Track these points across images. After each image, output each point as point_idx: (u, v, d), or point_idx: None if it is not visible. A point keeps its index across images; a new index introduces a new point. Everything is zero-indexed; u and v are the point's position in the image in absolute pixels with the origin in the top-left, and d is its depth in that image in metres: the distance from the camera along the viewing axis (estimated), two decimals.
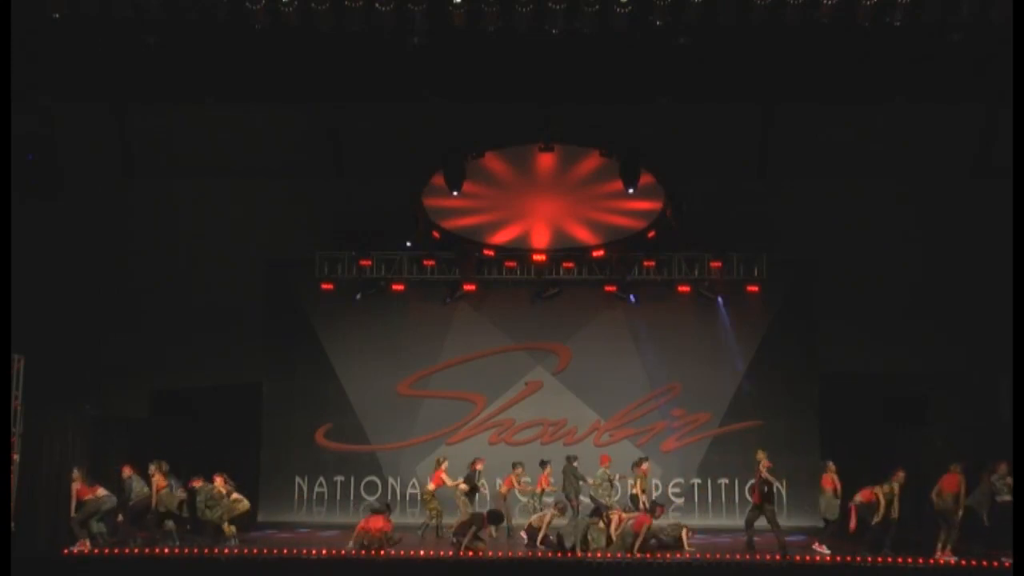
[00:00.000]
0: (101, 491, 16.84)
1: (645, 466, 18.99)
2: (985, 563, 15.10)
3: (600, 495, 18.53)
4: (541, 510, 18.32)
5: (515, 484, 19.50)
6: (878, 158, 21.14)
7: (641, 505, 18.08)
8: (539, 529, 17.16)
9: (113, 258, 21.59)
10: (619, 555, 16.26)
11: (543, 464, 19.56)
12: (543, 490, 19.37)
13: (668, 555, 16.10)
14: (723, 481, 21.66)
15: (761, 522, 17.17)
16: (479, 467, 19.32)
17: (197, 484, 17.28)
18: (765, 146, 21.44)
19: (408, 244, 21.57)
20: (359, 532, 16.56)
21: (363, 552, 16.10)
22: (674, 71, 18.27)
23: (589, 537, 16.86)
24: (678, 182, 20.75)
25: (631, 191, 20.09)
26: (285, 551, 15.85)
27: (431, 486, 19.08)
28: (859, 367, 21.41)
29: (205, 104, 20.14)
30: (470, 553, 16.27)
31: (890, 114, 20.30)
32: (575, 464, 19.15)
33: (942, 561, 15.74)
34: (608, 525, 17.19)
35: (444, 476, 18.97)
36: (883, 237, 21.55)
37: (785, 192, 21.39)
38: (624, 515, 17.45)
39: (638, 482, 18.63)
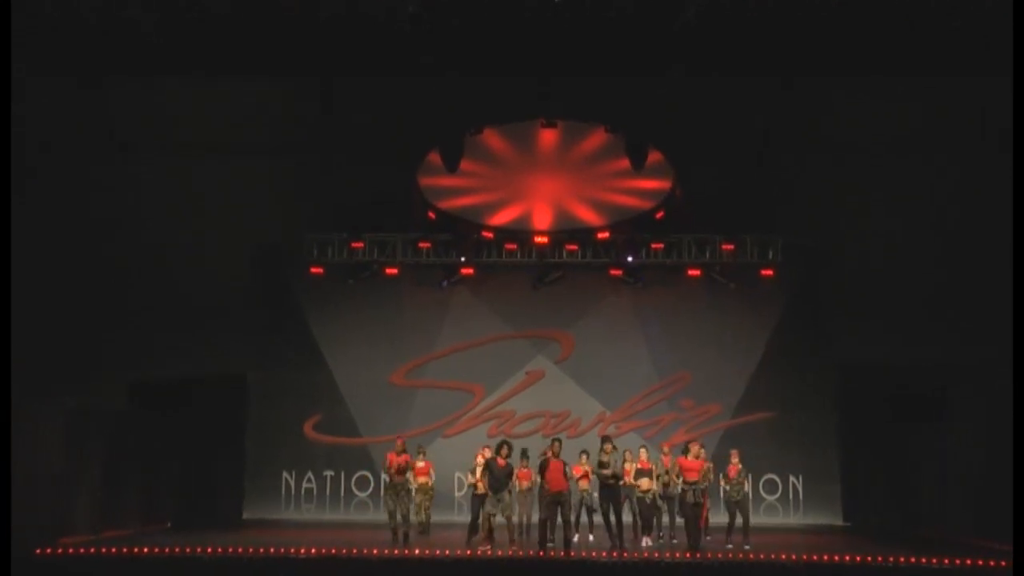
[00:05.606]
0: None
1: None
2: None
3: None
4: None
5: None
6: (902, 136, 20.50)
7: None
8: None
9: (93, 244, 20.92)
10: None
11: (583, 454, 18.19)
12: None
13: (668, 554, 15.54)
14: None
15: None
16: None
17: None
18: (780, 123, 20.84)
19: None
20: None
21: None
22: (685, 43, 17.85)
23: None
24: (689, 160, 20.54)
25: (639, 169, 19.92)
26: (272, 550, 15.27)
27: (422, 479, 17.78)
28: (877, 356, 20.98)
29: (191, 79, 19.75)
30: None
31: (914, 90, 19.71)
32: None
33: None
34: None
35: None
36: (905, 220, 20.96)
37: (801, 172, 20.98)
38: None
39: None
